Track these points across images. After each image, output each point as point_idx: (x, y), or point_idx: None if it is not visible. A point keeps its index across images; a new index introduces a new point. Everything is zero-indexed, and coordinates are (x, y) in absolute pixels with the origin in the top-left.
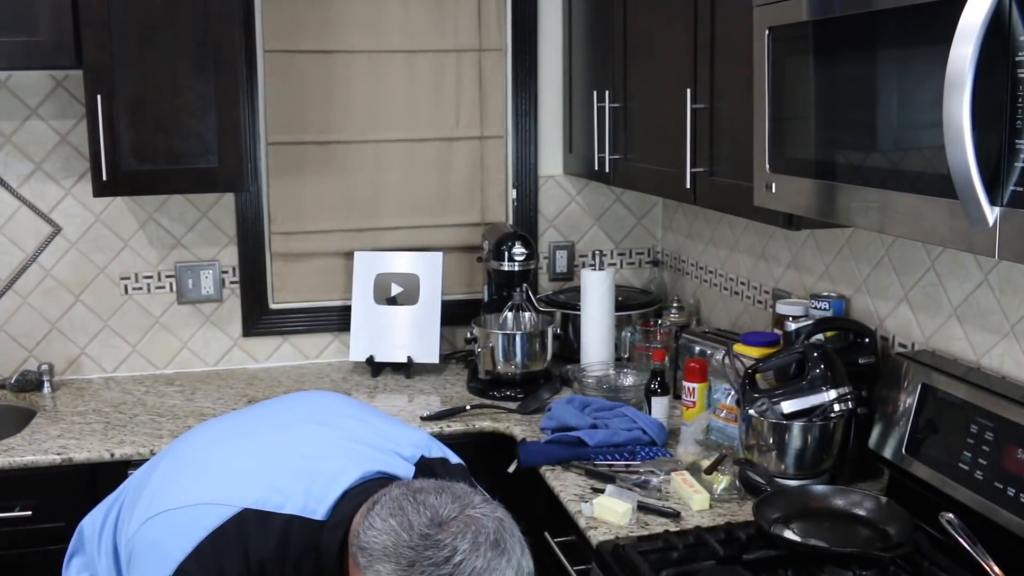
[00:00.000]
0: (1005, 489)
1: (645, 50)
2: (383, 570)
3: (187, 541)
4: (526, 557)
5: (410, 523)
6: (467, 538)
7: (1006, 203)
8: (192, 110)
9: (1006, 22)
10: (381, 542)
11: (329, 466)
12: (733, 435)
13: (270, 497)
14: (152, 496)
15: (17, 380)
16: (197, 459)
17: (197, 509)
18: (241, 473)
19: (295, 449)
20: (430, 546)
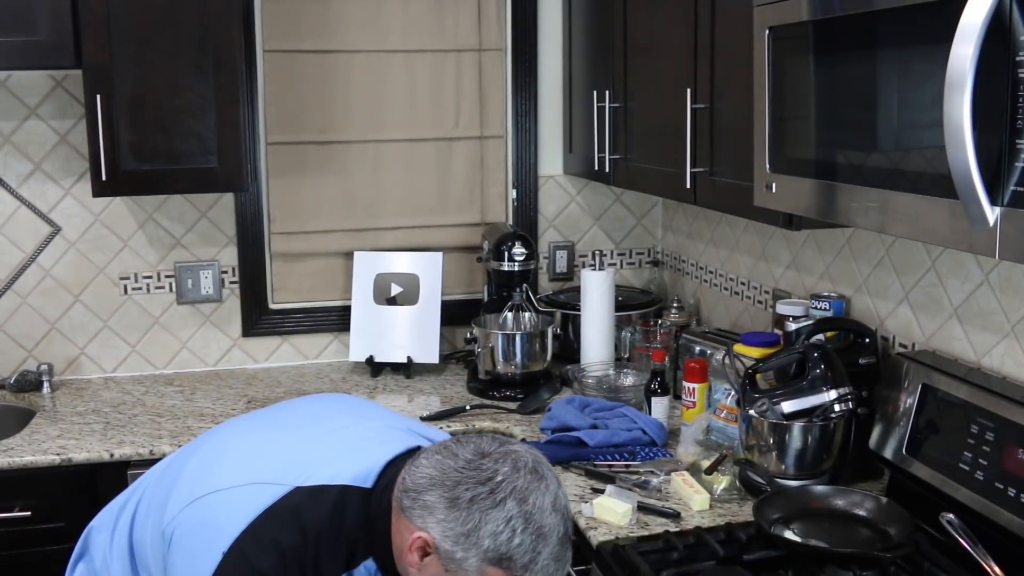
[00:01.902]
0: (1006, 489)
1: (645, 50)
2: (429, 499)
3: (242, 518)
4: (563, 492)
5: (455, 454)
6: (507, 463)
7: (1007, 203)
8: (192, 110)
9: (1006, 22)
10: (427, 475)
11: (372, 442)
12: (733, 435)
13: (319, 473)
14: (193, 482)
15: (16, 380)
16: (238, 447)
17: (249, 488)
18: (288, 456)
19: (336, 435)
20: (473, 469)
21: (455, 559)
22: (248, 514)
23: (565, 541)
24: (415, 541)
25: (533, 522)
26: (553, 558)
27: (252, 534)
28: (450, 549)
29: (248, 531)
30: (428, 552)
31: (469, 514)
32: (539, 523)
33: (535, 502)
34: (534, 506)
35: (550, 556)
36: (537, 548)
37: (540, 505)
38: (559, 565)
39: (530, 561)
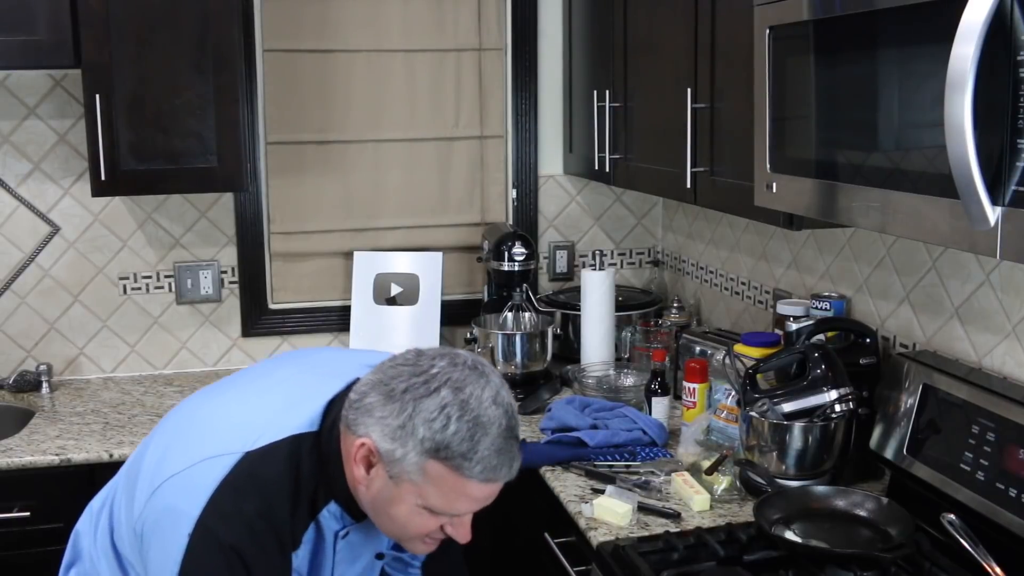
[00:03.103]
0: (1007, 490)
1: (645, 50)
2: (368, 401)
3: (200, 496)
4: (507, 391)
5: (394, 360)
6: (445, 359)
7: (1008, 203)
8: (191, 110)
9: (1007, 21)
10: (368, 382)
11: (312, 387)
12: (734, 436)
13: (265, 432)
14: (152, 472)
15: (15, 380)
16: (187, 426)
17: (201, 466)
18: (234, 423)
19: (277, 389)
20: (410, 365)
21: (395, 459)
22: (205, 491)
23: (509, 437)
24: (358, 451)
25: (470, 410)
26: (495, 450)
27: (213, 509)
28: (389, 448)
29: (208, 507)
30: (372, 462)
31: (403, 405)
32: (476, 412)
33: (472, 392)
34: (471, 396)
35: (491, 447)
36: (475, 437)
37: (478, 396)
38: (503, 460)
39: (469, 450)
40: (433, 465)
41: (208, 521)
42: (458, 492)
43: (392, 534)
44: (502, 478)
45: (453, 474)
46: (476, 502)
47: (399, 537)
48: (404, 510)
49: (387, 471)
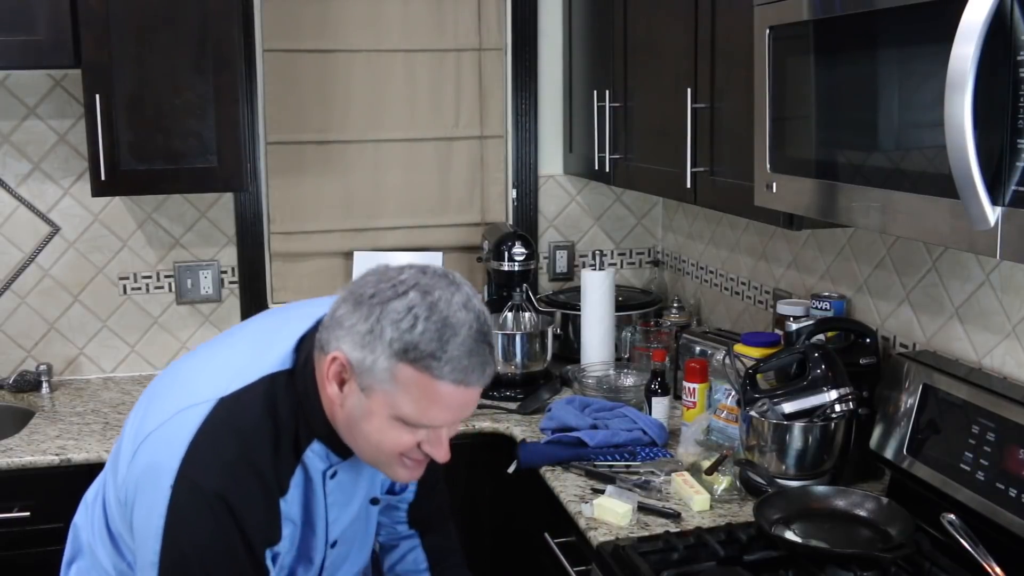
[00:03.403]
0: (1007, 490)
1: (645, 50)
2: (338, 312)
3: (177, 448)
4: (478, 300)
5: (363, 276)
6: (415, 268)
7: (1008, 203)
8: (191, 109)
9: (1008, 21)
10: (338, 299)
11: (281, 331)
12: (734, 436)
13: (237, 377)
14: (131, 439)
15: (15, 380)
16: (158, 390)
17: (175, 419)
18: (204, 375)
19: (248, 338)
20: (378, 274)
21: (365, 367)
22: (182, 442)
23: (481, 341)
24: (330, 367)
25: (438, 311)
26: (466, 351)
27: (192, 459)
28: (359, 357)
29: (187, 458)
30: (344, 378)
31: (370, 309)
32: (445, 313)
33: (441, 296)
34: (440, 299)
35: (462, 348)
36: (444, 337)
37: (447, 300)
38: (474, 362)
39: (438, 350)
40: (403, 369)
41: (188, 471)
42: (430, 398)
43: (369, 457)
44: (474, 382)
45: (423, 376)
46: (449, 410)
47: (377, 460)
48: (377, 424)
49: (359, 383)
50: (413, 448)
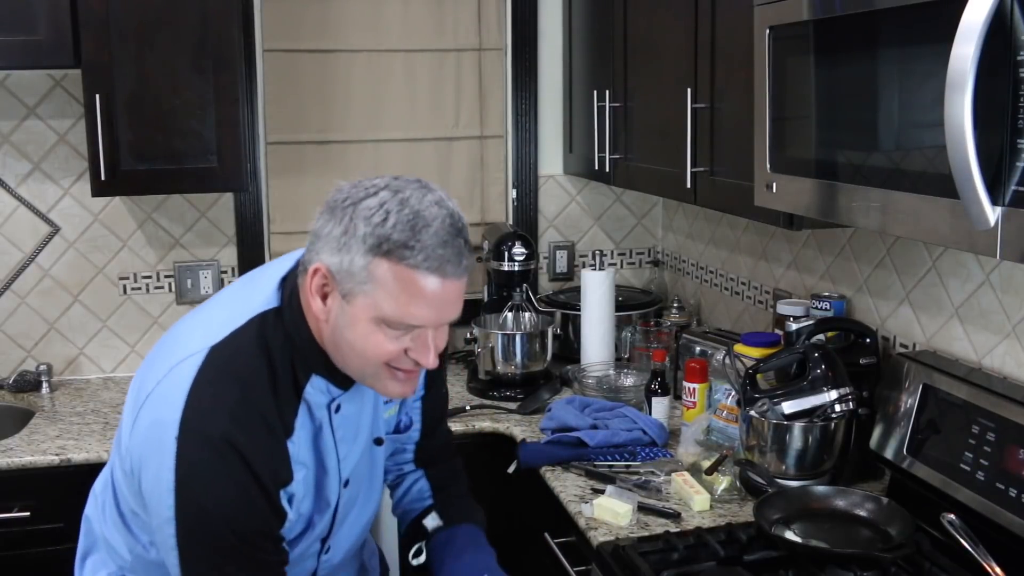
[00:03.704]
0: (1007, 490)
1: (645, 50)
2: (318, 225)
3: (177, 400)
4: (453, 203)
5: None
6: (388, 176)
7: (1008, 203)
8: (191, 110)
9: (1007, 21)
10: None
11: (265, 274)
12: (734, 436)
13: (226, 324)
14: (130, 408)
15: (15, 380)
16: (151, 357)
17: (170, 375)
18: (193, 330)
19: (229, 292)
20: (352, 184)
21: (344, 270)
22: (180, 394)
23: (455, 234)
24: (311, 282)
25: (409, 206)
26: (439, 241)
27: (192, 408)
28: (337, 262)
29: (187, 407)
30: (326, 290)
31: (343, 212)
32: (416, 208)
33: (412, 194)
34: (411, 196)
35: (435, 238)
36: (417, 227)
37: (419, 197)
38: (448, 252)
39: (410, 239)
40: (378, 264)
41: (191, 420)
42: (408, 292)
43: (358, 369)
44: (450, 273)
45: (398, 268)
46: (429, 306)
47: (365, 373)
48: (362, 330)
49: (340, 291)
50: (400, 356)
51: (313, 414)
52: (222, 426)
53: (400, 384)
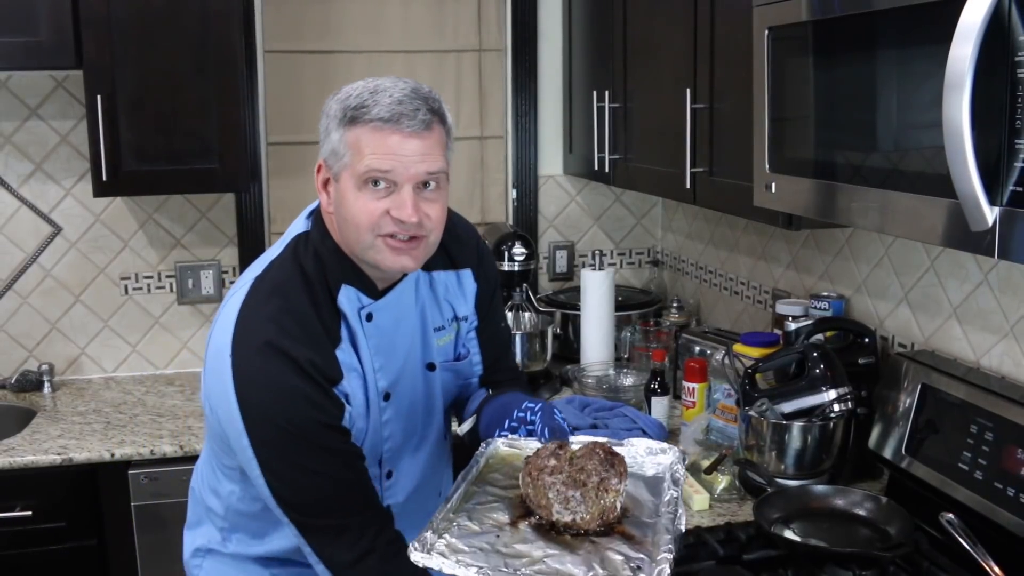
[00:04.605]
0: (1005, 489)
1: (645, 50)
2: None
3: (228, 329)
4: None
5: None
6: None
7: (1005, 203)
8: (192, 110)
9: (1005, 22)
10: None
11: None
12: (733, 435)
13: (266, 258)
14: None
15: (17, 380)
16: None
17: (223, 312)
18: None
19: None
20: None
21: (330, 153)
22: (230, 323)
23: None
24: (317, 178)
25: (374, 83)
26: (396, 100)
27: (239, 329)
28: (325, 149)
29: (237, 328)
30: (326, 179)
31: (327, 107)
32: (378, 82)
33: (383, 80)
34: (381, 80)
35: (392, 98)
36: (377, 92)
37: (389, 81)
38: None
39: (368, 100)
40: (348, 133)
41: (240, 338)
42: (373, 146)
43: (358, 245)
44: (407, 125)
45: (362, 128)
46: (394, 155)
47: (364, 245)
48: (350, 200)
49: (332, 175)
50: (385, 217)
51: (349, 323)
52: (267, 335)
53: (396, 255)
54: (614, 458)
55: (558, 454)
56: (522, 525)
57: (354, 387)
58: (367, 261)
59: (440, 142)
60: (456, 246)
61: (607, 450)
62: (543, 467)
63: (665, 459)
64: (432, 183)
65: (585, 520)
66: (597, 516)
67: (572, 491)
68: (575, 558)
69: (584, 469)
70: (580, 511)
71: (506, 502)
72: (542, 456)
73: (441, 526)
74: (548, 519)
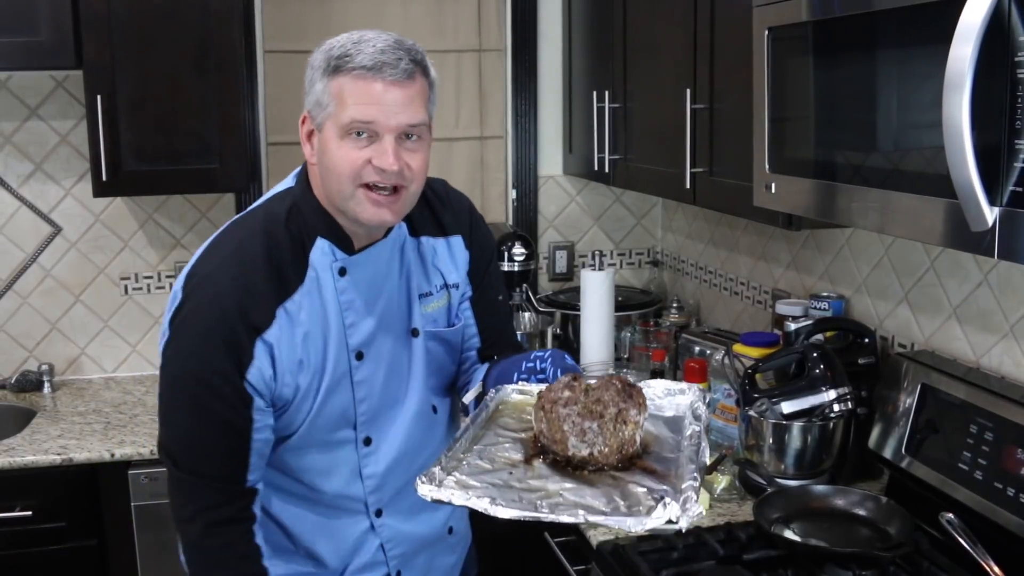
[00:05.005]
0: (1005, 489)
1: (645, 50)
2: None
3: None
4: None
5: None
6: None
7: (1005, 203)
8: (192, 110)
9: (1005, 22)
10: None
11: None
12: (733, 435)
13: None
14: None
15: (17, 380)
16: None
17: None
18: None
19: None
20: None
21: (314, 103)
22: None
23: (397, 47)
24: (302, 129)
25: (358, 34)
26: (379, 50)
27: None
28: (310, 100)
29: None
30: (309, 130)
31: (312, 56)
32: (362, 33)
33: (366, 32)
34: (365, 32)
35: (375, 48)
36: (360, 43)
37: (373, 32)
38: (388, 56)
39: (351, 50)
40: (332, 83)
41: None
42: (355, 94)
43: (339, 195)
44: (389, 74)
45: (344, 78)
46: (376, 104)
47: (344, 195)
48: (332, 150)
49: (316, 125)
50: (366, 166)
51: (320, 277)
52: (207, 268)
53: (376, 208)
54: (632, 389)
55: (572, 386)
56: (536, 463)
57: (294, 344)
58: (348, 213)
59: (422, 93)
60: (446, 213)
61: (624, 381)
62: (557, 399)
63: (684, 399)
64: (414, 135)
65: (604, 454)
66: (616, 449)
67: (589, 422)
68: (595, 491)
69: (600, 400)
70: (598, 443)
71: (519, 443)
72: (555, 389)
73: (450, 464)
74: (564, 455)
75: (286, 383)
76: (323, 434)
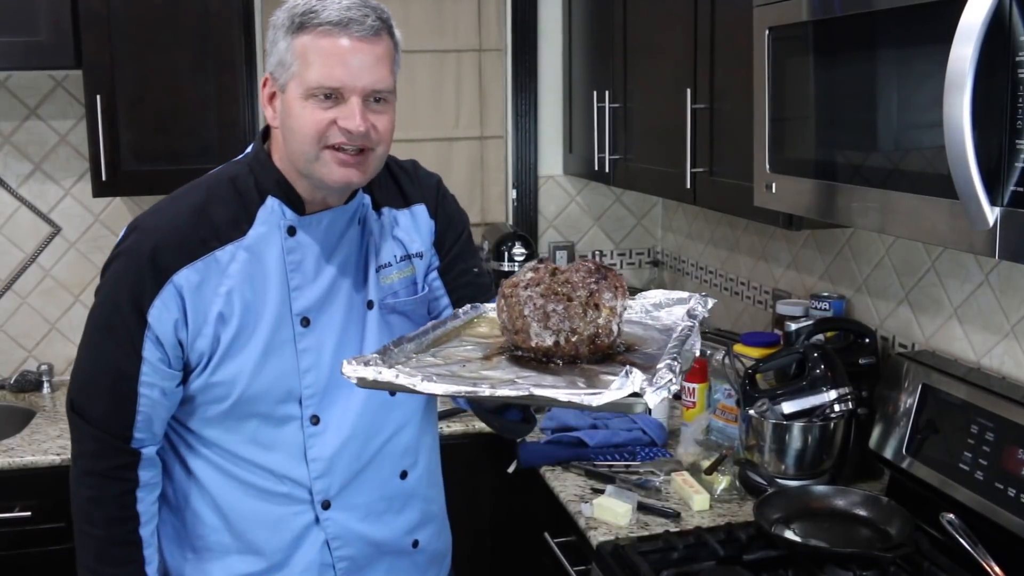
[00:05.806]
0: (1005, 489)
1: (645, 50)
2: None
3: None
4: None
5: None
6: None
7: (1006, 203)
8: (192, 110)
9: (1006, 22)
10: None
11: None
12: (733, 435)
13: None
14: None
15: (16, 380)
16: None
17: None
18: None
19: None
20: None
21: (277, 64)
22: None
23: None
24: (263, 92)
25: None
26: (344, 7)
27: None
28: (273, 61)
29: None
30: (272, 92)
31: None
32: None
33: None
34: None
35: (340, 4)
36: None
37: None
38: (353, 13)
39: (316, 5)
40: (295, 42)
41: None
42: (321, 55)
43: (302, 157)
44: (355, 32)
45: (309, 36)
46: (342, 63)
47: (308, 157)
48: (296, 111)
49: (279, 87)
50: (332, 127)
51: (267, 235)
52: (140, 219)
53: (343, 168)
54: (607, 271)
55: (537, 268)
56: (496, 358)
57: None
58: (312, 176)
59: (388, 55)
60: (410, 184)
61: (598, 264)
62: (518, 282)
63: (681, 310)
64: (381, 97)
65: (572, 343)
66: (588, 339)
67: (553, 304)
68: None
69: (569, 281)
70: (564, 329)
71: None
72: (519, 273)
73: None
74: (526, 346)
75: (203, 333)
76: (267, 406)
